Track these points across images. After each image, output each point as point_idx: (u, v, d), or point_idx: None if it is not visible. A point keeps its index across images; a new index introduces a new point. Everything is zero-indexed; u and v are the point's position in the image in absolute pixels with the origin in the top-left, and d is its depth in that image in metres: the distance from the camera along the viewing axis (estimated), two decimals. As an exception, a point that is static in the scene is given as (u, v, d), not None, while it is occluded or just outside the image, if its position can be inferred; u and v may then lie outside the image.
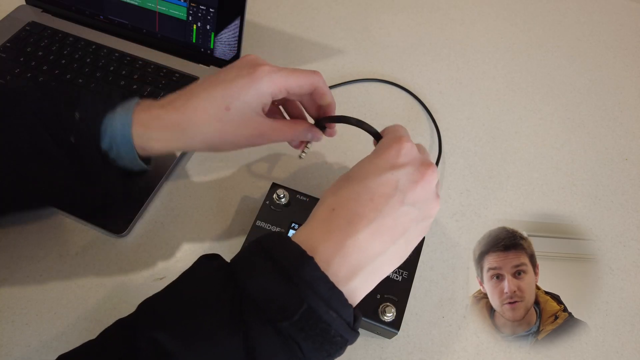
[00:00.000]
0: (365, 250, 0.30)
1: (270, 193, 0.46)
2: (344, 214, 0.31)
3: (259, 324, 0.27)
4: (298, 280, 0.27)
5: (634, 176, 0.55)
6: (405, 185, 0.32)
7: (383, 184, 0.32)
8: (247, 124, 0.38)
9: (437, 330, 0.44)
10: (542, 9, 0.73)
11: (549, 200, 0.52)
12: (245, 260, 0.30)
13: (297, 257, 0.29)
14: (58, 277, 0.44)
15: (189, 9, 0.57)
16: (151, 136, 0.38)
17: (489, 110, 0.60)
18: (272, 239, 0.30)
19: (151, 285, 0.44)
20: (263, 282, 0.28)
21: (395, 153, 0.33)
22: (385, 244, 0.31)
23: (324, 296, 0.28)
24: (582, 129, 0.59)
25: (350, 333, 0.29)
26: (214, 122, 0.37)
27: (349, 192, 0.32)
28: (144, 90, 0.57)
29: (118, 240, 0.47)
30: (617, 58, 0.67)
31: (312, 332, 0.27)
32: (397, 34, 0.68)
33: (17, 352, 0.40)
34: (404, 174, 0.32)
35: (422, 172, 0.33)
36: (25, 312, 0.42)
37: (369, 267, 0.31)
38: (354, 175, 0.33)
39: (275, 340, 0.27)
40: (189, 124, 0.37)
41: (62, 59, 0.59)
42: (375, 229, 0.31)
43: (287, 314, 0.27)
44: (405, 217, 0.32)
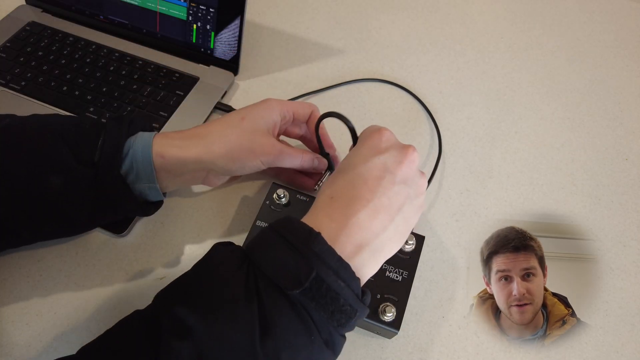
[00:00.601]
0: (367, 229, 0.33)
1: (270, 193, 0.46)
2: (342, 200, 0.34)
3: (272, 294, 0.29)
4: (307, 252, 0.29)
5: (634, 176, 0.55)
6: (392, 166, 0.35)
7: (372, 168, 0.34)
8: (262, 135, 0.42)
9: (437, 330, 0.44)
10: (542, 9, 0.73)
11: (549, 200, 0.52)
12: (258, 240, 0.32)
13: (305, 233, 0.31)
14: (58, 277, 0.44)
15: (189, 9, 0.57)
16: (172, 143, 0.40)
17: (489, 110, 0.60)
18: (281, 221, 0.33)
19: (151, 285, 0.44)
20: (275, 256, 0.30)
21: (377, 141, 0.36)
22: (384, 222, 0.33)
23: (332, 266, 0.30)
24: (582, 129, 0.59)
25: (359, 304, 0.31)
26: (231, 128, 0.41)
27: (343, 181, 0.35)
28: (144, 90, 0.57)
29: (118, 240, 0.47)
30: (617, 58, 0.67)
31: (322, 301, 0.29)
32: (397, 34, 0.68)
33: (17, 352, 0.40)
34: (388, 156, 0.35)
35: (404, 152, 0.36)
36: (25, 312, 0.42)
37: (372, 244, 0.33)
38: (345, 168, 0.36)
39: (288, 309, 0.29)
40: (208, 132, 0.41)
41: (62, 59, 0.59)
42: (373, 208, 0.33)
43: (298, 282, 0.29)
44: (399, 195, 0.34)
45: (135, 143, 0.39)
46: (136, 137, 0.40)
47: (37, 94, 0.55)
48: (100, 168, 0.37)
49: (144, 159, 0.39)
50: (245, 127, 0.41)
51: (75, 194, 0.37)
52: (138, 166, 0.39)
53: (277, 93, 0.60)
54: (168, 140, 0.40)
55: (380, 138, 0.37)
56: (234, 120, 0.42)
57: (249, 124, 0.41)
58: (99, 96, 0.56)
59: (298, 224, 0.32)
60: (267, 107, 0.43)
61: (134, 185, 0.40)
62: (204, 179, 0.44)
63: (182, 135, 0.41)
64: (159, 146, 0.39)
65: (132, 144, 0.39)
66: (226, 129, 0.41)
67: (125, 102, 0.55)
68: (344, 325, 0.31)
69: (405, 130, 0.58)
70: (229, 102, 0.58)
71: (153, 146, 0.39)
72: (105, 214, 0.40)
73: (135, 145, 0.39)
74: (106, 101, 0.55)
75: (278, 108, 0.44)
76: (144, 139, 0.40)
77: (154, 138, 0.40)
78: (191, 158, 0.40)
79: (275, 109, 0.44)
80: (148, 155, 0.39)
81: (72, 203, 0.38)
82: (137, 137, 0.40)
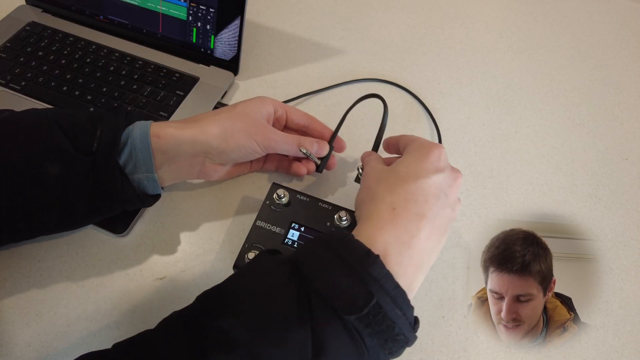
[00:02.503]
0: (425, 250, 0.33)
1: (270, 193, 0.46)
2: (406, 215, 0.33)
3: (327, 317, 0.28)
4: (366, 276, 0.28)
5: (634, 176, 0.55)
6: (446, 188, 0.35)
7: (432, 186, 0.34)
8: (255, 121, 0.43)
9: (437, 330, 0.44)
10: (542, 9, 0.73)
11: (549, 200, 0.52)
12: (311, 255, 0.31)
13: (363, 254, 0.30)
14: (58, 277, 0.44)
15: (189, 9, 0.57)
16: (168, 125, 0.41)
17: (489, 110, 0.60)
18: (337, 237, 0.31)
19: (151, 285, 0.44)
20: (331, 277, 0.29)
21: (437, 157, 0.36)
22: (436, 242, 0.34)
23: (390, 293, 0.29)
24: (582, 129, 0.59)
25: (411, 334, 0.30)
26: (225, 113, 0.43)
27: (405, 192, 0.34)
28: (144, 90, 0.57)
29: (118, 240, 0.47)
30: (617, 58, 0.67)
31: (378, 328, 0.28)
32: (397, 33, 0.68)
33: (17, 352, 0.40)
34: (444, 177, 0.35)
35: (455, 176, 0.37)
36: (25, 312, 0.42)
37: (426, 264, 0.33)
38: (405, 175, 0.35)
39: (342, 334, 0.28)
40: (203, 117, 0.42)
41: (62, 59, 0.59)
42: (430, 228, 0.33)
43: (356, 308, 0.28)
44: (446, 218, 0.35)
45: (134, 130, 0.40)
46: (134, 125, 0.41)
47: (37, 94, 0.55)
48: (99, 157, 0.37)
49: (143, 144, 0.39)
50: (239, 111, 0.43)
51: (74, 182, 0.37)
52: (137, 153, 0.39)
53: (277, 93, 0.60)
54: (164, 124, 0.41)
55: (440, 155, 0.36)
56: (227, 108, 0.44)
57: (242, 110, 0.43)
58: (99, 96, 0.56)
59: (354, 242, 0.31)
60: (261, 99, 0.45)
61: (133, 175, 0.40)
62: (201, 169, 0.44)
63: (179, 121, 0.43)
64: (156, 128, 0.40)
65: (130, 131, 0.40)
66: (221, 114, 0.43)
67: (125, 102, 0.55)
68: (394, 353, 0.30)
69: (405, 130, 0.57)
70: (229, 102, 0.58)
71: (150, 129, 0.40)
72: (104, 204, 0.40)
73: (134, 132, 0.40)
74: (106, 101, 0.55)
75: (271, 102, 0.46)
76: (142, 126, 0.40)
77: (151, 124, 0.41)
78: (187, 137, 0.40)
79: (269, 102, 0.45)
80: (146, 139, 0.39)
81: (70, 191, 0.38)
82: (135, 125, 0.41)
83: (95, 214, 0.41)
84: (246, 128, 0.42)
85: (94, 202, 0.39)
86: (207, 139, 0.41)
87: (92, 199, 0.39)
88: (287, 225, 0.44)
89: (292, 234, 0.43)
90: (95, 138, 0.38)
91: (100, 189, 0.38)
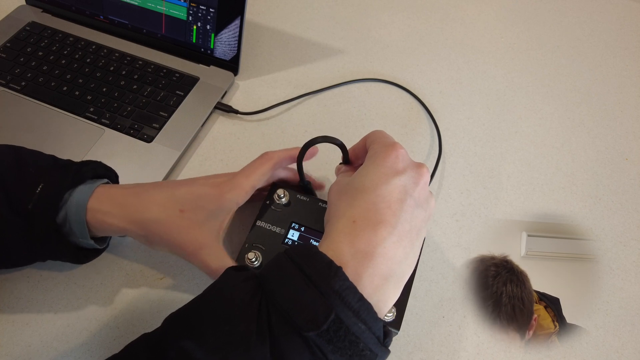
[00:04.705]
0: (392, 258, 0.31)
1: (270, 193, 0.46)
2: (366, 224, 0.31)
3: (287, 334, 0.27)
4: (327, 289, 0.27)
5: (634, 176, 0.55)
6: (411, 188, 0.33)
7: (393, 190, 0.33)
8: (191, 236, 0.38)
9: (437, 330, 0.44)
10: (542, 9, 0.73)
11: (549, 200, 0.52)
12: (273, 270, 0.30)
13: (325, 267, 0.28)
14: (58, 277, 0.44)
15: (189, 9, 0.57)
16: (106, 203, 0.38)
17: (489, 110, 0.60)
18: (299, 249, 0.31)
19: (152, 285, 0.44)
20: (291, 291, 0.28)
21: (394, 159, 0.34)
22: (407, 249, 0.32)
23: (353, 307, 0.27)
24: (582, 129, 0.59)
25: (380, 348, 0.29)
26: (167, 218, 0.38)
27: (365, 202, 0.33)
28: (144, 90, 0.57)
29: (118, 240, 0.47)
30: (617, 58, 0.67)
31: (341, 344, 0.27)
32: (397, 34, 0.68)
33: (17, 352, 0.40)
34: (407, 177, 0.34)
35: (420, 173, 0.35)
36: (25, 312, 0.42)
37: (396, 273, 0.31)
38: (363, 186, 0.34)
39: (304, 351, 0.27)
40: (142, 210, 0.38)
41: (62, 59, 0.59)
42: (397, 234, 0.31)
43: (315, 324, 0.27)
44: (417, 219, 0.33)
45: (72, 198, 0.37)
46: (73, 192, 0.37)
47: (37, 94, 0.55)
48: (34, 218, 0.36)
49: (77, 216, 0.37)
50: (185, 220, 0.38)
51: (8, 239, 0.36)
52: (71, 223, 0.37)
53: (277, 93, 0.60)
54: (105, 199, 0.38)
55: (397, 156, 0.35)
56: (174, 210, 0.38)
57: (189, 217, 0.38)
58: (99, 96, 0.56)
59: (317, 254, 0.30)
60: (219, 194, 0.39)
61: (69, 237, 0.38)
62: None
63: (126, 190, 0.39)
64: (95, 202, 0.37)
65: (67, 198, 0.37)
66: (164, 218, 0.37)
67: (125, 102, 0.55)
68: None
69: (405, 130, 0.58)
70: (229, 102, 0.58)
71: (89, 203, 0.37)
72: (41, 257, 0.39)
73: (71, 201, 0.37)
74: (106, 101, 0.55)
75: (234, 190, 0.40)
76: (82, 193, 0.38)
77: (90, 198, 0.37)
78: (116, 229, 0.38)
79: (229, 195, 0.39)
80: (81, 214, 0.37)
81: (4, 247, 0.37)
82: (76, 191, 0.38)
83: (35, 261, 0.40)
84: (175, 240, 0.38)
85: (31, 255, 0.38)
86: (135, 234, 0.38)
87: (28, 253, 0.38)
88: (287, 225, 0.44)
89: (292, 234, 0.43)
90: (34, 197, 0.36)
91: (35, 247, 0.37)
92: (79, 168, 0.39)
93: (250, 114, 0.57)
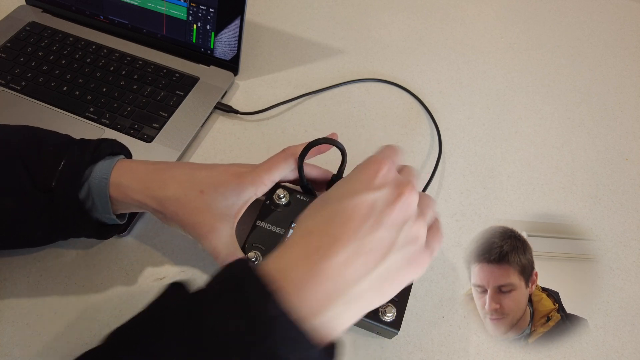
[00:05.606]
0: (340, 276, 0.28)
1: (270, 193, 0.46)
2: (319, 238, 0.30)
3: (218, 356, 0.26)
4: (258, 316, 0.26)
5: (634, 176, 0.55)
6: (382, 206, 0.30)
7: (359, 206, 0.30)
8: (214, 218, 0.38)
9: (437, 330, 0.44)
10: (542, 9, 0.73)
11: (549, 200, 0.52)
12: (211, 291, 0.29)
13: (260, 288, 0.27)
14: (58, 277, 0.44)
15: (189, 9, 0.57)
16: (129, 174, 0.39)
17: (489, 110, 0.60)
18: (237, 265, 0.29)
19: (152, 285, 0.44)
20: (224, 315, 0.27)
21: (372, 174, 0.32)
22: (362, 270, 0.29)
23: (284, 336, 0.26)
24: (582, 129, 0.59)
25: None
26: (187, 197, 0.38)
27: (328, 213, 0.31)
28: (144, 90, 0.57)
29: (118, 240, 0.47)
30: (617, 58, 0.67)
31: None
32: (397, 34, 0.68)
33: (17, 352, 0.40)
34: (380, 195, 0.31)
35: (397, 192, 0.31)
36: (25, 312, 0.42)
37: (347, 294, 0.29)
38: (330, 198, 0.32)
39: None
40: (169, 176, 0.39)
41: (62, 59, 0.59)
42: (351, 253, 0.29)
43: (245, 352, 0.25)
44: (384, 242, 0.30)
45: (94, 172, 0.38)
46: (95, 167, 0.39)
47: (37, 94, 0.55)
48: (57, 194, 0.36)
49: (100, 190, 0.38)
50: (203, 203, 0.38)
51: (30, 216, 0.37)
52: (94, 197, 0.38)
53: (277, 93, 0.60)
54: (128, 170, 0.39)
55: (376, 172, 0.32)
56: (193, 191, 0.38)
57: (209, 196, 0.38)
58: (99, 96, 0.56)
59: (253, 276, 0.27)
60: (239, 183, 0.39)
61: (92, 212, 0.39)
62: None
63: (148, 166, 0.40)
64: (117, 175, 0.38)
65: (90, 172, 0.38)
66: (182, 196, 0.38)
67: (125, 102, 0.55)
68: None
69: (405, 130, 0.58)
70: (229, 102, 0.59)
71: (111, 176, 0.38)
72: (63, 234, 0.40)
73: (93, 175, 0.38)
74: (106, 101, 0.55)
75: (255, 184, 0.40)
76: (103, 171, 0.38)
77: (113, 169, 0.39)
78: (136, 201, 0.39)
79: (249, 187, 0.39)
80: (104, 187, 0.38)
81: (26, 224, 0.38)
82: (97, 167, 0.39)
83: (56, 239, 0.42)
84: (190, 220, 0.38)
85: (53, 232, 0.39)
86: (153, 210, 0.39)
87: (50, 230, 0.39)
88: (287, 225, 0.44)
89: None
90: (56, 174, 0.37)
91: (57, 224, 0.38)
92: (98, 144, 0.40)
93: (250, 114, 0.57)
